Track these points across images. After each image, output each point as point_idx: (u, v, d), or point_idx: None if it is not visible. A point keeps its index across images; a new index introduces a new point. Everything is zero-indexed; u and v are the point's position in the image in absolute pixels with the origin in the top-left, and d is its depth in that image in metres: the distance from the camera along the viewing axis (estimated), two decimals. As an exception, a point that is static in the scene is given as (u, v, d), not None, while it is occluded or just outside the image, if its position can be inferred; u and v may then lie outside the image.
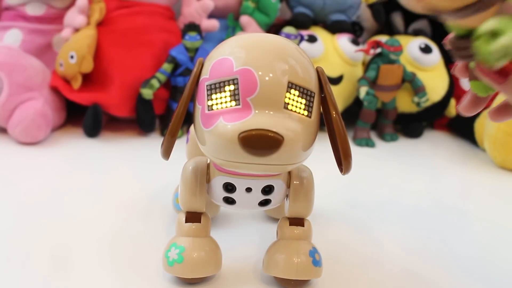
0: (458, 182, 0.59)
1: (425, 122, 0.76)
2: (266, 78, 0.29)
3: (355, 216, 0.47)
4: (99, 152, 0.60)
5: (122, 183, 0.51)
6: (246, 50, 0.30)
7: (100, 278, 0.35)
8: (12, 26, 0.70)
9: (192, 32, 0.63)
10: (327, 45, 0.70)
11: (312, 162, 0.35)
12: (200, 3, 0.71)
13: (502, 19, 0.21)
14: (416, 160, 0.65)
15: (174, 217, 0.40)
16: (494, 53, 0.21)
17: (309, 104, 0.30)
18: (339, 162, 0.33)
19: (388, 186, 0.56)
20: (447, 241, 0.43)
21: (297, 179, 0.35)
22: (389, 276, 0.37)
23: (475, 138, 0.69)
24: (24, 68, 0.62)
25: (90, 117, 0.62)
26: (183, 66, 0.64)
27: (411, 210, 0.50)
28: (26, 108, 0.59)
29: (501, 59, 0.21)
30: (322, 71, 0.32)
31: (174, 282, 0.35)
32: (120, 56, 0.64)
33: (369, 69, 0.68)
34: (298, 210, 0.35)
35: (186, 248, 0.34)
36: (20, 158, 0.56)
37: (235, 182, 0.33)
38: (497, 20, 0.21)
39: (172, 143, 0.32)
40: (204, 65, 0.32)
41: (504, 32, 0.21)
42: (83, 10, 0.66)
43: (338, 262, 0.39)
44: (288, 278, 0.34)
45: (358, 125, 0.70)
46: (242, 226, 0.43)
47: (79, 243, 0.39)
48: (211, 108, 0.30)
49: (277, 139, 0.28)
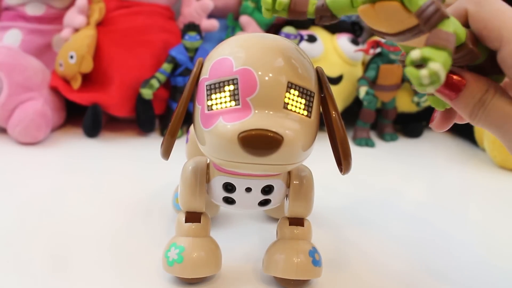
0: (457, 182, 0.59)
1: (425, 122, 0.75)
2: (266, 78, 0.29)
3: (355, 216, 0.47)
4: (99, 152, 0.60)
5: (121, 183, 0.51)
6: (246, 50, 0.30)
7: (100, 278, 0.35)
8: (11, 26, 0.70)
9: (192, 32, 0.63)
10: (326, 45, 0.70)
11: (312, 162, 0.35)
12: (200, 3, 0.71)
13: (428, 47, 0.22)
14: (416, 160, 0.65)
15: (174, 217, 0.40)
16: (423, 79, 0.21)
17: (309, 104, 0.30)
18: (338, 162, 0.33)
19: (387, 186, 0.56)
20: (447, 241, 0.43)
21: (297, 179, 0.35)
22: (389, 276, 0.37)
23: (475, 138, 0.69)
24: (23, 68, 0.62)
25: (90, 117, 0.62)
26: (182, 66, 0.64)
27: (410, 210, 0.50)
28: (25, 108, 0.59)
29: (430, 85, 0.22)
30: (322, 71, 0.32)
31: (174, 282, 0.35)
32: (119, 56, 0.64)
33: (369, 69, 0.68)
34: (298, 210, 0.35)
35: (186, 248, 0.34)
36: (20, 158, 0.56)
37: (234, 182, 0.33)
38: (424, 48, 0.22)
39: (172, 143, 0.32)
40: (204, 65, 0.32)
41: (432, 60, 0.21)
42: (82, 10, 0.66)
43: (338, 262, 0.39)
44: (288, 278, 0.34)
45: (357, 125, 0.70)
46: (242, 226, 0.43)
47: (78, 243, 0.39)
48: (211, 108, 0.30)
49: (277, 139, 0.28)
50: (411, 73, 0.22)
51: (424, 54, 0.22)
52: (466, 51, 0.27)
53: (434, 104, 0.32)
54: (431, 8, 0.22)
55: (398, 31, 0.25)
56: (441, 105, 0.31)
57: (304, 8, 0.28)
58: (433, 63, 0.21)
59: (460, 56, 0.27)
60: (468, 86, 0.28)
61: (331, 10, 0.27)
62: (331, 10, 0.27)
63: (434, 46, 0.22)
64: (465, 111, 0.28)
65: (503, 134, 0.28)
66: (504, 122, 0.27)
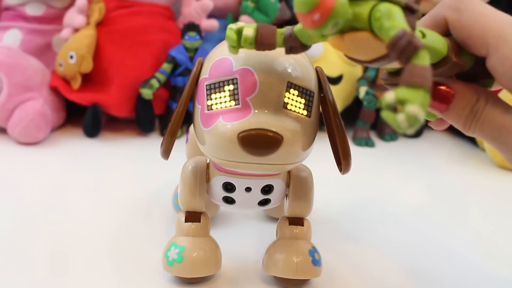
0: (457, 182, 0.59)
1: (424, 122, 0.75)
2: (266, 78, 0.29)
3: (355, 216, 0.47)
4: (99, 152, 0.60)
5: (121, 183, 0.51)
6: (246, 50, 0.30)
7: (100, 277, 0.35)
8: (11, 26, 0.70)
9: (192, 32, 0.63)
10: (326, 45, 0.70)
11: (311, 162, 0.35)
12: (200, 3, 0.71)
13: (403, 88, 0.20)
14: (416, 160, 0.65)
15: (174, 217, 0.40)
16: (401, 123, 0.20)
17: (309, 103, 0.30)
18: (338, 161, 0.33)
19: (387, 186, 0.56)
20: (447, 241, 0.44)
21: (296, 179, 0.35)
22: (389, 276, 0.38)
23: (474, 137, 0.69)
24: (23, 68, 0.62)
25: (90, 117, 0.62)
26: (182, 66, 0.64)
27: (410, 210, 0.50)
28: (25, 108, 0.59)
29: (409, 128, 0.20)
30: (322, 71, 0.32)
31: (174, 281, 0.35)
32: (119, 56, 0.64)
33: (369, 68, 0.68)
34: (297, 210, 0.35)
35: (185, 248, 0.34)
36: (20, 158, 0.56)
37: (234, 181, 0.33)
38: (398, 90, 0.20)
39: (172, 143, 0.32)
40: (204, 65, 0.32)
41: (408, 102, 0.20)
42: (82, 10, 0.66)
43: (338, 261, 0.39)
44: (288, 277, 0.34)
45: (357, 124, 0.70)
46: (242, 226, 0.43)
47: (78, 243, 0.39)
48: (211, 108, 0.30)
49: (277, 138, 0.28)
50: (388, 118, 0.20)
51: (399, 96, 0.20)
52: (450, 64, 0.26)
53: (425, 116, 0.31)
54: (403, 40, 0.21)
55: (372, 58, 0.24)
56: (432, 116, 0.30)
57: (271, 40, 0.27)
58: (410, 106, 0.20)
59: (445, 70, 0.26)
60: (457, 97, 0.26)
61: (300, 40, 0.26)
62: (300, 40, 0.26)
63: (409, 86, 0.20)
64: (457, 123, 0.27)
65: (500, 146, 0.26)
66: (499, 134, 0.26)
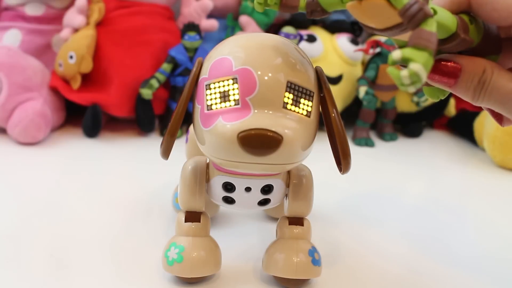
0: (457, 182, 0.59)
1: (425, 121, 0.76)
2: (265, 78, 0.29)
3: (355, 215, 0.47)
4: (99, 152, 0.60)
5: (121, 183, 0.51)
6: (245, 50, 0.30)
7: (100, 277, 0.35)
8: (11, 26, 0.70)
9: (191, 32, 0.63)
10: (326, 45, 0.70)
11: (311, 162, 0.35)
12: (199, 3, 0.71)
13: (410, 48, 0.22)
14: (416, 159, 0.65)
15: (174, 217, 0.40)
16: (403, 79, 0.22)
17: (308, 103, 0.30)
18: (338, 161, 0.33)
19: (387, 186, 0.56)
20: (447, 241, 0.44)
21: (296, 179, 0.35)
22: (388, 276, 0.38)
23: (474, 137, 0.69)
24: (23, 69, 0.62)
25: (90, 117, 0.62)
26: (182, 66, 0.64)
27: (410, 209, 0.50)
28: (25, 108, 0.59)
29: (411, 85, 0.22)
30: (321, 71, 0.32)
31: (174, 281, 0.35)
32: (119, 56, 0.64)
33: (369, 68, 0.68)
34: (297, 209, 0.35)
35: (185, 248, 0.34)
36: (20, 158, 0.56)
37: (234, 181, 0.33)
38: (404, 49, 0.22)
39: (172, 143, 0.32)
40: (203, 65, 0.32)
41: (412, 61, 0.22)
42: (82, 10, 0.66)
43: (338, 261, 0.39)
44: (288, 277, 0.34)
45: (357, 124, 0.70)
46: (242, 226, 0.43)
47: (78, 243, 0.39)
48: (210, 108, 0.30)
49: (276, 138, 0.28)
50: (392, 73, 0.22)
51: (404, 54, 0.22)
52: (459, 40, 0.27)
53: (429, 95, 0.32)
54: (415, 7, 0.23)
55: (386, 27, 0.25)
56: (436, 96, 0.32)
57: (295, 3, 0.28)
58: (414, 64, 0.22)
59: (453, 45, 0.28)
60: (464, 70, 0.28)
61: (321, 5, 0.27)
62: (321, 5, 0.27)
63: (416, 47, 0.22)
64: (466, 95, 0.28)
65: (509, 111, 0.28)
66: (508, 99, 0.27)
